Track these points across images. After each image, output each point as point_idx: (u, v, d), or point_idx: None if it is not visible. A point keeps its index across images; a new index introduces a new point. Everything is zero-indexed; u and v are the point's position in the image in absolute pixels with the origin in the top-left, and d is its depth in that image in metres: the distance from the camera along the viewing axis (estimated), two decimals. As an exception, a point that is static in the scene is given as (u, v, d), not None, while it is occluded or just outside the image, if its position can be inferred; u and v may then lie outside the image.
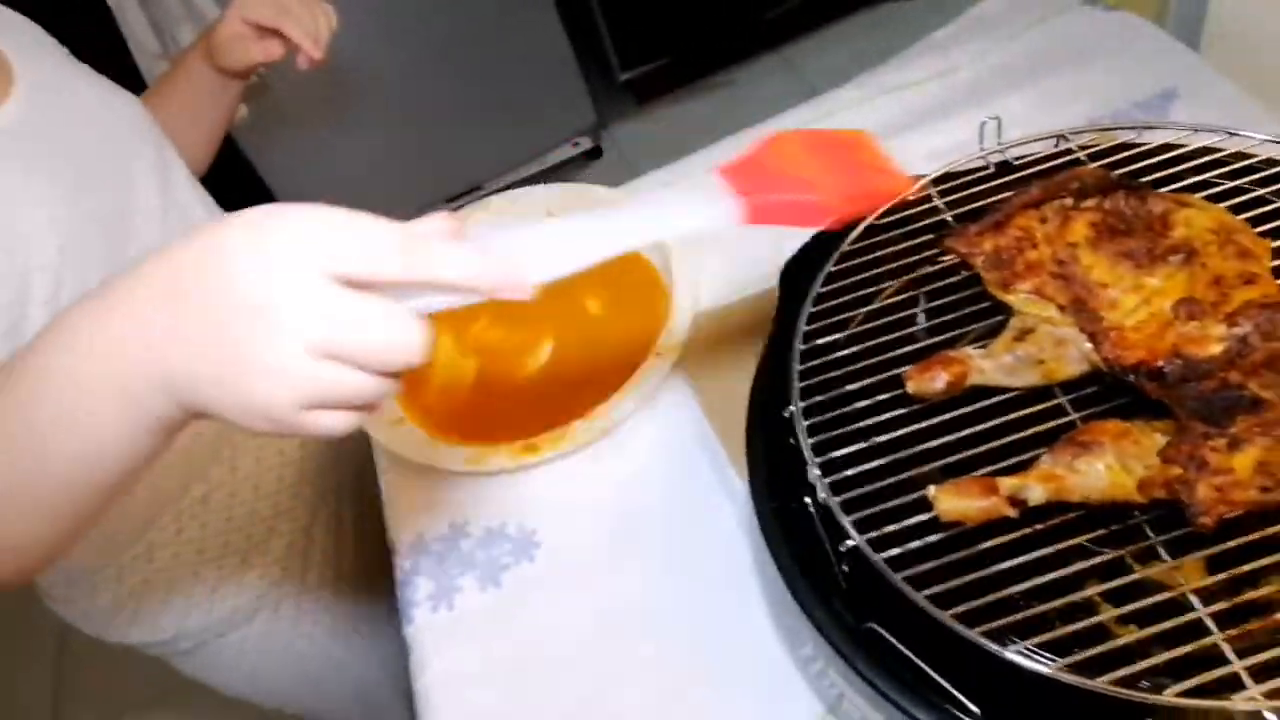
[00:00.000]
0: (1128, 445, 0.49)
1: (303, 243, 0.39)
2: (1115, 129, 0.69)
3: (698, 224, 0.51)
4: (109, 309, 0.42)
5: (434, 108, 2.11)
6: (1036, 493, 0.49)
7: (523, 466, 0.78)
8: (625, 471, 0.78)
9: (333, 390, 0.40)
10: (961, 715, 0.50)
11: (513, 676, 0.69)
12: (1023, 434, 0.54)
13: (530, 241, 0.46)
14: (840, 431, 0.58)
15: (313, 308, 0.39)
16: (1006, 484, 0.49)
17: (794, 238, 0.72)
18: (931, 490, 0.51)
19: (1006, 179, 0.67)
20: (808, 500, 0.59)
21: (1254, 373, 0.49)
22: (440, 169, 2.20)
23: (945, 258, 0.65)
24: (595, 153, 2.39)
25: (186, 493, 0.80)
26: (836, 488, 0.55)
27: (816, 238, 0.73)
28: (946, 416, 0.56)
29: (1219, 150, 0.67)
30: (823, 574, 0.57)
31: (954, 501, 0.50)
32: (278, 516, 0.88)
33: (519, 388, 0.84)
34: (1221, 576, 0.49)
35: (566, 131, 2.33)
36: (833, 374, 0.62)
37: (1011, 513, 0.49)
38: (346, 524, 0.99)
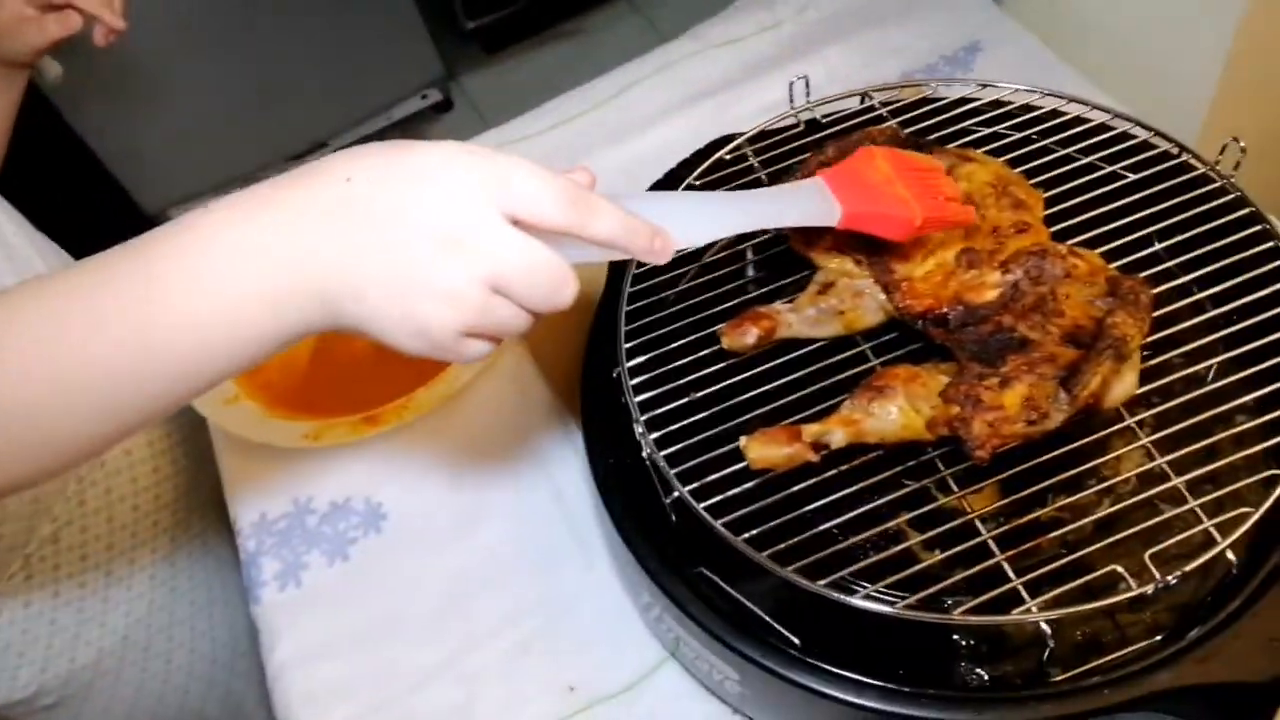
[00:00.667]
0: (917, 388, 0.53)
1: (489, 180, 0.42)
2: (914, 84, 0.73)
3: (808, 219, 0.55)
4: (260, 218, 0.43)
5: (272, 61, 2.01)
6: (838, 437, 0.53)
7: (365, 439, 0.77)
8: (469, 436, 0.79)
9: (494, 321, 0.44)
10: (783, 647, 0.54)
11: (365, 648, 0.70)
12: (829, 381, 0.58)
13: (670, 209, 0.50)
14: (666, 388, 0.61)
15: (495, 244, 0.42)
16: (809, 430, 0.53)
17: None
18: (742, 441, 0.54)
19: (816, 136, 0.71)
20: (642, 455, 0.61)
21: (1024, 315, 0.53)
22: (281, 125, 2.10)
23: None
24: (445, 105, 2.33)
25: (33, 535, 0.74)
26: (662, 442, 0.58)
27: (642, 199, 0.75)
28: (761, 369, 0.60)
29: (1009, 104, 0.72)
30: (656, 524, 0.60)
31: (762, 450, 0.53)
32: (137, 548, 0.83)
33: (357, 359, 0.83)
34: (1001, 503, 0.54)
35: (414, 84, 2.26)
36: (658, 332, 0.64)
37: (814, 458, 0.53)
38: (212, 544, 0.93)
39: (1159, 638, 0.53)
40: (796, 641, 0.54)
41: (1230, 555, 0.50)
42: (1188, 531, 0.51)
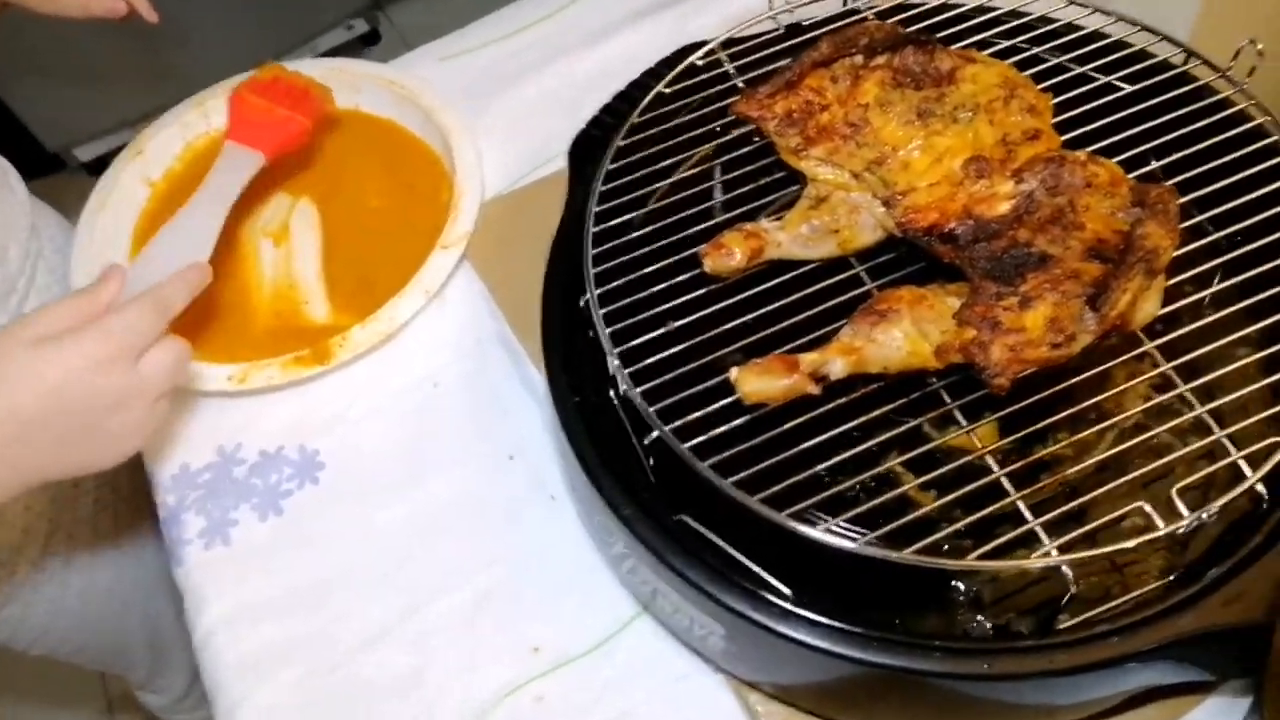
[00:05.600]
0: (924, 311, 0.48)
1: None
2: (901, -14, 0.67)
3: (248, 178, 0.70)
4: None
5: (183, -11, 1.87)
6: (838, 366, 0.48)
7: (297, 380, 0.70)
8: (415, 377, 0.72)
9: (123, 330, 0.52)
10: (774, 598, 0.49)
11: (304, 610, 0.63)
12: (822, 307, 0.53)
13: (159, 253, 0.62)
14: (640, 317, 0.55)
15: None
16: (808, 360, 0.47)
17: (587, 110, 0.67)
18: (734, 373, 0.48)
19: (796, 40, 0.64)
20: (611, 393, 0.55)
21: (1041, 229, 0.48)
22: (197, 59, 1.96)
23: (739, 127, 0.61)
24: (372, 37, 2.21)
25: None
26: (637, 378, 0.52)
27: (604, 110, 0.68)
28: (746, 295, 0.54)
29: (994, 9, 0.66)
30: (630, 469, 0.54)
31: (757, 383, 0.47)
32: None
33: (283, 297, 0.75)
34: (1015, 436, 0.49)
35: (339, 13, 2.13)
36: (628, 256, 0.58)
37: (815, 389, 0.47)
38: None
39: (1172, 578, 0.49)
40: (788, 592, 0.49)
41: (1261, 488, 0.46)
42: (1211, 466, 0.47)
